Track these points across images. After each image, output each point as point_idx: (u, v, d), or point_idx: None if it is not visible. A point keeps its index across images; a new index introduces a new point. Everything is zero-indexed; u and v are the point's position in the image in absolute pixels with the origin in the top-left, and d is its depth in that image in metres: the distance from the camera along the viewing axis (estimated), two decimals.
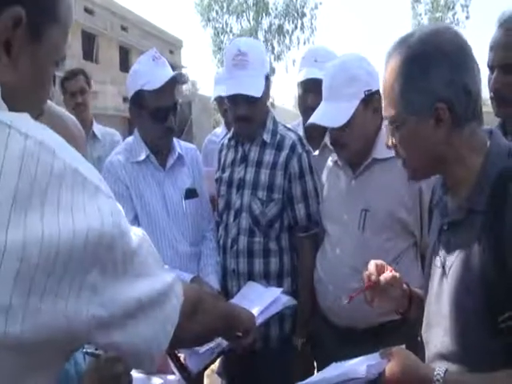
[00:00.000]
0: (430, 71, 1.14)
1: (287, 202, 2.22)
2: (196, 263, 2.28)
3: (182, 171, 2.33)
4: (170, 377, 1.44)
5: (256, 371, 2.23)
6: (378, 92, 1.89)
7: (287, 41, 34.45)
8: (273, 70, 33.07)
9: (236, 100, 2.19)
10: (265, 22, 34.57)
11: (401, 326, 1.59)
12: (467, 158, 1.18)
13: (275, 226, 2.23)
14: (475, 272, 1.10)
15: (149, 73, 2.15)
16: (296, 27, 34.21)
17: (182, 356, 1.50)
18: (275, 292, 1.96)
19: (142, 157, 2.23)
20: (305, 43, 33.82)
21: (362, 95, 1.90)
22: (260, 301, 1.89)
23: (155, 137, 2.23)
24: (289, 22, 34.25)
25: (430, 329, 1.26)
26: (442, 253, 1.23)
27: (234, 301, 2.02)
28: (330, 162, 2.20)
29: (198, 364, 1.74)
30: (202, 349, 1.70)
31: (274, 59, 33.95)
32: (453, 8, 32.06)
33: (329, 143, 2.44)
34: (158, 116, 2.17)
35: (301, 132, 2.61)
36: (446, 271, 1.19)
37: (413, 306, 1.41)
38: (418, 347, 1.30)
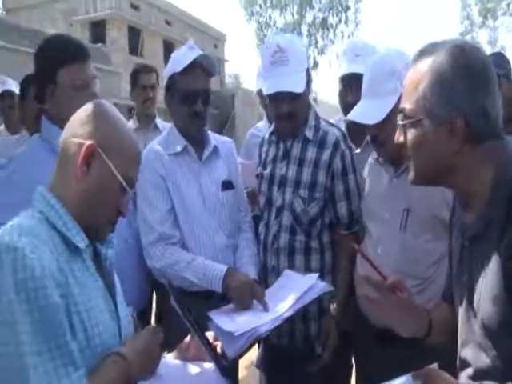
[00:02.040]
0: (455, 83, 1.16)
1: (329, 200, 2.19)
2: (232, 254, 2.27)
3: (217, 163, 2.33)
4: (207, 365, 1.42)
5: (295, 368, 2.20)
6: None
7: (331, 35, 34.13)
8: (316, 64, 32.86)
9: (277, 98, 2.15)
10: (308, 16, 34.31)
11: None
12: (479, 173, 1.19)
13: (317, 224, 2.19)
14: (500, 283, 1.10)
15: (180, 57, 2.20)
16: (340, 21, 33.85)
17: (217, 345, 1.49)
18: (312, 279, 1.96)
19: (179, 148, 2.24)
20: (349, 37, 33.43)
21: (401, 89, 1.83)
22: (297, 288, 1.92)
23: (184, 121, 2.23)
24: (333, 15, 33.90)
25: (465, 346, 1.25)
26: (466, 269, 1.24)
27: (272, 289, 2.06)
28: (371, 159, 2.17)
29: (235, 350, 1.75)
30: (237, 332, 1.74)
31: (318, 53, 33.69)
32: None
33: None
34: (186, 98, 2.18)
35: (343, 128, 2.54)
36: (473, 287, 1.19)
37: (434, 331, 1.40)
38: (453, 362, 1.29)
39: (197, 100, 2.19)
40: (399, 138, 1.28)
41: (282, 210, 2.23)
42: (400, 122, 1.26)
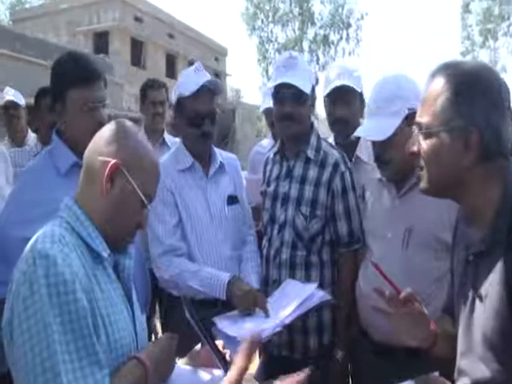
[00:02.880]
0: (473, 100, 1.22)
1: (330, 219, 2.29)
2: (237, 265, 2.38)
3: (223, 179, 2.44)
4: (216, 371, 1.49)
5: None
6: None
7: (332, 51, 34.33)
8: (317, 81, 32.97)
9: (282, 97, 2.27)
10: (310, 32, 34.59)
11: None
12: (487, 190, 1.24)
13: (317, 241, 2.29)
14: (504, 298, 1.14)
15: (188, 80, 2.31)
16: (341, 38, 34.08)
17: (227, 352, 1.55)
18: (311, 288, 2.07)
19: (187, 165, 2.35)
20: (350, 54, 33.71)
21: (405, 113, 1.93)
22: (297, 296, 2.02)
23: (193, 141, 2.35)
24: (334, 32, 34.14)
25: (465, 357, 1.28)
26: (470, 283, 1.27)
27: (273, 297, 2.16)
28: (374, 179, 2.22)
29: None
30: (240, 336, 1.85)
31: (319, 70, 33.80)
32: (508, 18, 30.95)
33: (361, 155, 2.57)
34: (195, 120, 2.30)
35: None
36: (476, 300, 1.22)
37: (438, 344, 1.42)
38: (453, 373, 1.32)
39: (204, 121, 2.30)
40: (413, 147, 1.32)
41: (284, 226, 2.33)
42: (417, 132, 1.31)
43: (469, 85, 1.23)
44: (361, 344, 2.14)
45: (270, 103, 2.91)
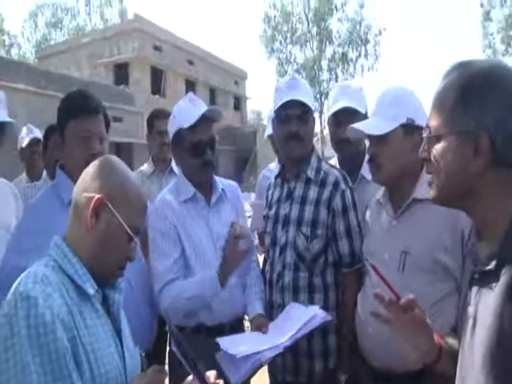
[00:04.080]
0: (483, 101, 1.13)
1: (331, 238, 2.26)
2: (241, 293, 2.37)
3: (225, 206, 2.44)
4: None
5: None
6: (421, 132, 1.85)
7: (351, 69, 34.50)
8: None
9: (287, 116, 2.28)
10: (328, 51, 34.83)
11: (439, 373, 1.50)
12: (499, 204, 1.14)
13: (319, 262, 2.26)
14: (506, 326, 1.04)
15: (185, 112, 2.31)
16: (360, 55, 34.23)
17: (220, 382, 1.54)
18: (313, 310, 2.07)
19: (189, 195, 2.35)
20: (369, 70, 33.80)
21: (404, 120, 1.96)
22: (299, 319, 2.04)
23: (195, 171, 2.34)
24: (352, 49, 34.28)
25: (463, 379, 1.20)
26: (473, 303, 1.19)
27: (277, 321, 2.19)
28: (373, 200, 2.22)
29: (240, 376, 1.93)
30: (239, 355, 1.90)
31: None
32: None
33: (365, 174, 2.52)
34: (196, 150, 2.30)
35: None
36: (477, 322, 1.14)
37: (443, 359, 1.34)
38: None
39: (205, 150, 2.31)
40: (422, 153, 1.26)
41: (285, 247, 2.31)
42: (426, 135, 1.25)
43: (479, 85, 1.14)
44: (363, 369, 2.10)
45: None
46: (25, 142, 4.10)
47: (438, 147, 1.20)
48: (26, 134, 4.14)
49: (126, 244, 1.39)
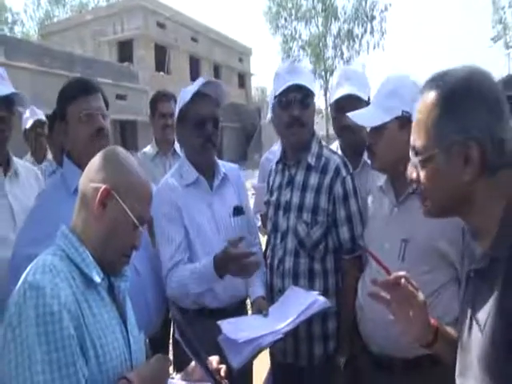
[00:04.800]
0: (467, 110, 1.13)
1: (332, 225, 2.29)
2: None
3: (227, 190, 2.47)
4: None
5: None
6: None
7: (357, 45, 34.11)
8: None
9: (290, 101, 2.29)
10: (334, 28, 34.37)
11: (438, 362, 1.53)
12: (490, 207, 1.16)
13: (320, 248, 2.29)
14: (500, 323, 1.07)
15: (188, 90, 2.35)
16: (365, 31, 33.79)
17: (222, 368, 1.60)
18: (313, 296, 2.10)
19: (192, 179, 2.38)
20: (374, 47, 33.39)
21: (399, 113, 1.95)
22: (298, 304, 2.07)
23: (195, 147, 2.36)
24: (358, 25, 33.85)
25: (463, 377, 1.24)
26: (469, 300, 1.22)
27: (276, 304, 2.23)
28: (375, 187, 2.22)
29: (240, 360, 1.97)
30: (241, 339, 1.94)
31: (344, 65, 33.61)
32: None
33: (368, 161, 2.48)
34: (197, 123, 2.31)
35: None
36: (473, 320, 1.17)
37: (439, 343, 1.37)
38: None
39: (207, 124, 2.32)
40: (412, 174, 1.25)
41: (286, 234, 2.35)
42: (413, 159, 1.24)
43: (460, 94, 1.14)
44: (361, 356, 2.14)
45: None
46: (28, 124, 4.15)
47: (429, 168, 1.20)
48: (30, 116, 4.19)
49: (132, 233, 1.43)
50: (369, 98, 2.65)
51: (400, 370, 1.88)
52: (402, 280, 1.36)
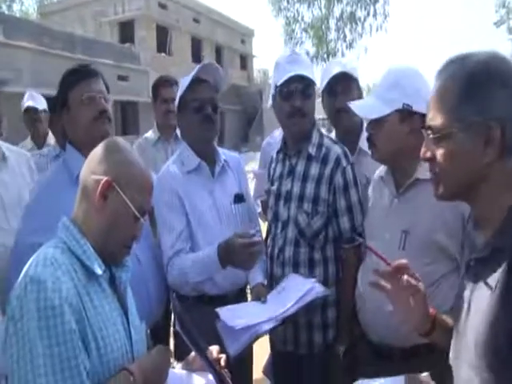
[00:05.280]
0: (487, 93, 1.13)
1: (332, 215, 2.30)
2: None
3: (228, 178, 2.48)
4: (211, 376, 1.55)
5: (301, 375, 2.37)
6: (420, 115, 1.85)
7: (359, 28, 33.71)
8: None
9: (291, 92, 2.28)
10: (336, 10, 33.95)
11: (435, 350, 1.55)
12: (500, 192, 1.15)
13: (320, 238, 2.31)
14: (498, 311, 1.08)
15: (186, 78, 2.36)
16: (368, 14, 33.38)
17: (222, 357, 1.61)
18: (310, 282, 2.13)
19: (193, 166, 2.38)
20: (377, 30, 33.06)
21: (399, 106, 1.93)
22: (296, 291, 2.09)
23: (196, 128, 2.35)
24: (361, 8, 33.45)
25: (457, 360, 1.25)
26: (468, 288, 1.22)
27: (275, 291, 2.25)
28: (376, 177, 2.22)
29: (238, 347, 1.99)
30: (238, 326, 1.96)
31: (346, 47, 33.40)
32: None
33: (363, 147, 2.54)
34: (196, 106, 2.32)
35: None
36: (471, 307, 1.18)
37: (437, 332, 1.39)
38: (448, 374, 1.30)
39: (206, 106, 2.32)
40: (426, 153, 1.24)
41: (287, 223, 2.36)
42: (430, 136, 1.21)
43: (482, 77, 1.13)
44: (360, 344, 2.16)
45: None
46: (23, 109, 4.22)
47: (446, 146, 1.18)
48: (26, 100, 4.24)
49: (133, 224, 1.44)
50: (357, 81, 2.75)
51: (398, 358, 1.90)
52: (405, 276, 1.38)
